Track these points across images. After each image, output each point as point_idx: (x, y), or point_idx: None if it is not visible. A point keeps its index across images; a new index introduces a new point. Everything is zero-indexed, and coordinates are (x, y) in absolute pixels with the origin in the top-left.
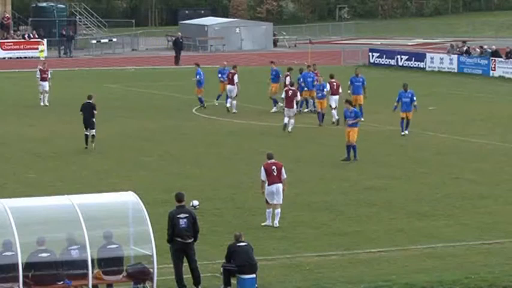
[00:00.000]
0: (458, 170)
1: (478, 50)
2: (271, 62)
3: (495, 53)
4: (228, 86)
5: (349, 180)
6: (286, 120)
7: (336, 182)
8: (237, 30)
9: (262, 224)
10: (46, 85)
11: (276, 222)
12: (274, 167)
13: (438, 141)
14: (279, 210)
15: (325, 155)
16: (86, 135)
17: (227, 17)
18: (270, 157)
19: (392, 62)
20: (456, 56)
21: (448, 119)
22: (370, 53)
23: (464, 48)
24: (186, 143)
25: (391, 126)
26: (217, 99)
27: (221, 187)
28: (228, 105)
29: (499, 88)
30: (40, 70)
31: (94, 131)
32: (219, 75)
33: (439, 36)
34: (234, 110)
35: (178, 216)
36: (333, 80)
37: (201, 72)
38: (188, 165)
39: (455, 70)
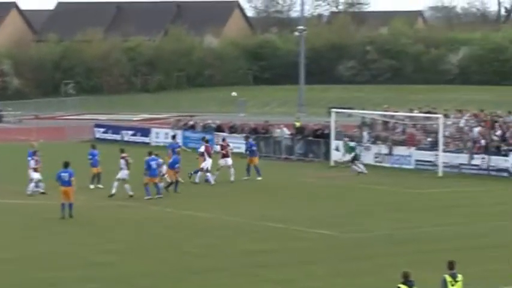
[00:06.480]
0: (185, 244)
1: (201, 124)
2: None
3: (219, 128)
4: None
5: (76, 256)
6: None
7: (64, 258)
8: None
9: None
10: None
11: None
12: None
13: (163, 216)
14: None
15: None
16: None
17: None
18: None
19: (118, 137)
20: (181, 130)
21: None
22: (96, 128)
23: (191, 123)
24: None
25: (119, 202)
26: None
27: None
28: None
29: None
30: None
31: None
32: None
33: (164, 112)
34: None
35: None
36: (125, 155)
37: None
38: None
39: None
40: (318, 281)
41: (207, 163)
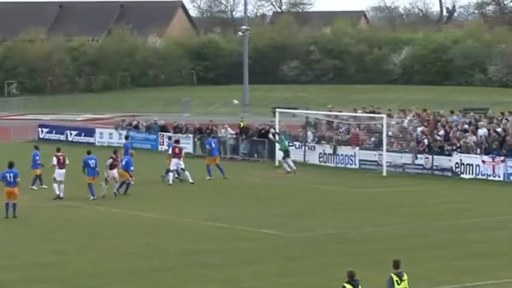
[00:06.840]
0: (130, 244)
1: (145, 124)
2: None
3: (163, 128)
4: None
5: (20, 257)
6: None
7: (9, 259)
8: None
9: None
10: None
11: None
12: None
13: (109, 216)
14: None
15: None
16: None
17: None
18: None
19: (62, 137)
20: (125, 131)
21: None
22: (40, 129)
23: (134, 123)
24: None
25: (64, 202)
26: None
27: None
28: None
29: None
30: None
31: None
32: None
33: (108, 112)
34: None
35: None
36: (60, 154)
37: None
38: None
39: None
40: (263, 281)
41: (173, 163)
